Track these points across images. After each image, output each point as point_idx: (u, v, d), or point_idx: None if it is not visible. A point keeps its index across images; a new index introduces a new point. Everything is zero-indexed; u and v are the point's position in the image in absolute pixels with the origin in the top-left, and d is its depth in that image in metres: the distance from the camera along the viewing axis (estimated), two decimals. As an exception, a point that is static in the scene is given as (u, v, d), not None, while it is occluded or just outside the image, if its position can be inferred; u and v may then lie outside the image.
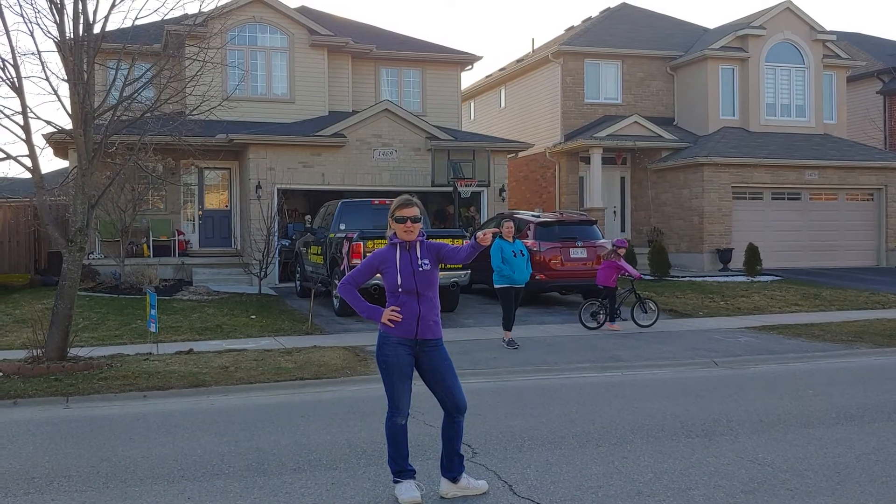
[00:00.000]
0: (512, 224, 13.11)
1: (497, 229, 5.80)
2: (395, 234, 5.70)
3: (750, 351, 12.52)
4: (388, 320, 5.58)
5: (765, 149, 25.52)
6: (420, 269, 5.62)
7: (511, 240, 12.83)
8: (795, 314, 16.77)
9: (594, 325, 14.61)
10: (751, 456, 6.64)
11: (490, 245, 5.94)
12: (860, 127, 31.05)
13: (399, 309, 5.58)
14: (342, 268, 15.32)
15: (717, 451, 6.82)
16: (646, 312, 15.04)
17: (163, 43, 20.22)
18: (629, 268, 14.82)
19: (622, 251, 14.84)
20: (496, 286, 12.85)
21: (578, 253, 17.25)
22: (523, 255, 12.89)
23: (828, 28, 28.22)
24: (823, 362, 11.86)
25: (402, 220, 5.64)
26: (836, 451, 6.77)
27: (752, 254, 22.76)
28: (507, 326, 12.80)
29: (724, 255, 24.16)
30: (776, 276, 22.77)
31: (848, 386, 9.85)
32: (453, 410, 5.68)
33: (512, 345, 12.60)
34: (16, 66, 10.71)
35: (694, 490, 5.80)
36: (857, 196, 26.73)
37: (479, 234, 5.53)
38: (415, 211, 5.66)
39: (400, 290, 5.59)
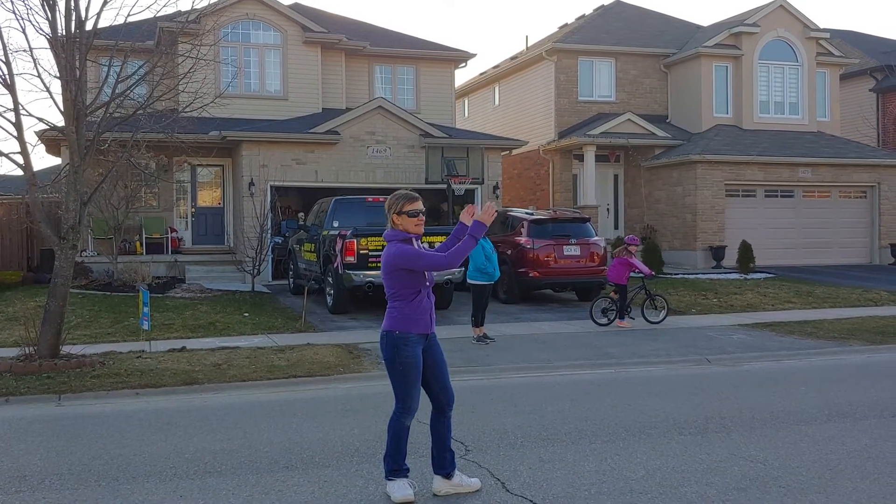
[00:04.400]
0: None
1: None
2: (395, 229, 5.58)
3: (743, 348, 12.54)
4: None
5: (758, 146, 25.55)
6: None
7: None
8: (788, 311, 16.81)
9: (605, 321, 14.62)
10: (743, 453, 6.65)
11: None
12: (853, 125, 31.12)
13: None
14: (335, 265, 15.30)
15: (710, 448, 6.83)
16: (656, 309, 15.07)
17: (156, 40, 20.17)
18: (640, 265, 14.86)
19: (633, 248, 14.88)
20: (474, 282, 13.11)
21: (572, 250, 17.26)
22: (495, 251, 13.33)
23: (821, 26, 28.24)
24: (816, 360, 11.88)
25: (415, 214, 5.54)
26: (828, 449, 6.79)
27: (746, 251, 22.82)
28: (479, 323, 13.03)
29: (718, 253, 24.18)
30: (769, 273, 22.82)
31: (840, 383, 9.87)
32: (446, 405, 5.69)
33: (483, 340, 12.79)
34: (7, 63, 10.67)
35: (686, 487, 5.80)
36: (850, 193, 26.78)
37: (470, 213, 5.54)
38: (421, 204, 5.65)
39: (428, 284, 5.59)
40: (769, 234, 25.28)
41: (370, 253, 14.80)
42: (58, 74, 11.03)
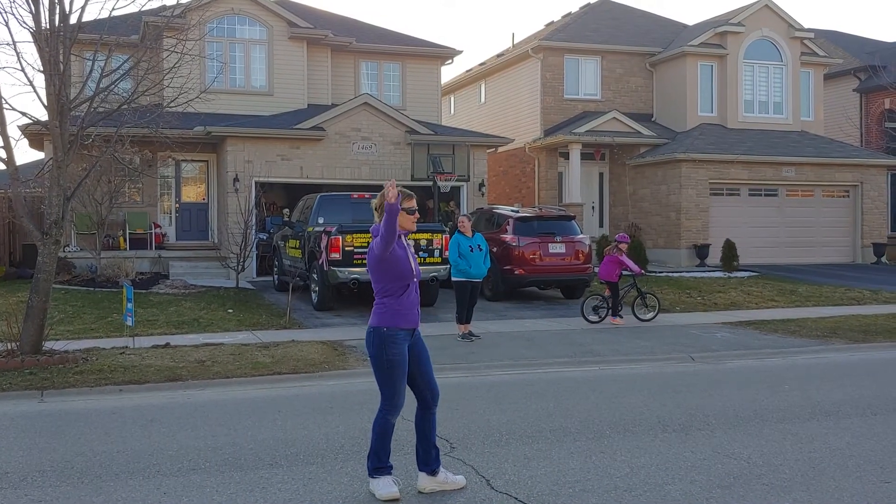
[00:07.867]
0: (466, 219, 13.60)
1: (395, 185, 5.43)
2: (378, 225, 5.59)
3: (726, 346, 12.60)
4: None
5: (742, 145, 25.66)
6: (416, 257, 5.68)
7: (469, 234, 13.24)
8: (772, 310, 16.90)
9: (596, 318, 14.66)
10: (727, 451, 6.68)
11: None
12: (837, 124, 31.30)
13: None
14: (320, 262, 15.26)
15: (694, 445, 6.86)
16: (647, 307, 15.11)
17: (140, 34, 20.07)
18: (630, 263, 14.92)
19: (624, 246, 14.95)
20: (453, 279, 13.29)
21: (557, 248, 17.29)
22: (481, 249, 13.23)
23: (805, 26, 28.40)
24: (799, 358, 11.95)
25: (412, 212, 5.65)
26: (811, 446, 6.83)
27: (729, 250, 22.91)
28: (462, 320, 13.06)
29: (702, 251, 24.29)
30: (753, 271, 22.94)
31: (823, 381, 9.94)
32: (431, 401, 5.69)
33: (467, 338, 12.81)
34: (-10, 57, 10.58)
35: (670, 485, 5.82)
36: (833, 193, 26.93)
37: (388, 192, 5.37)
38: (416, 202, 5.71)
39: (415, 278, 5.62)
40: (753, 232, 25.39)
41: (355, 249, 14.76)
42: (41, 68, 10.95)
